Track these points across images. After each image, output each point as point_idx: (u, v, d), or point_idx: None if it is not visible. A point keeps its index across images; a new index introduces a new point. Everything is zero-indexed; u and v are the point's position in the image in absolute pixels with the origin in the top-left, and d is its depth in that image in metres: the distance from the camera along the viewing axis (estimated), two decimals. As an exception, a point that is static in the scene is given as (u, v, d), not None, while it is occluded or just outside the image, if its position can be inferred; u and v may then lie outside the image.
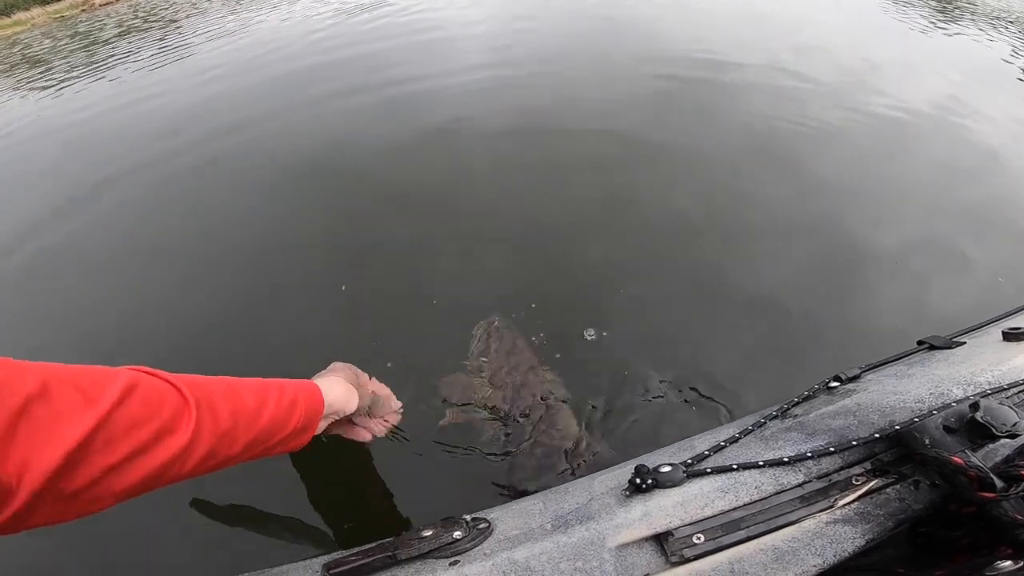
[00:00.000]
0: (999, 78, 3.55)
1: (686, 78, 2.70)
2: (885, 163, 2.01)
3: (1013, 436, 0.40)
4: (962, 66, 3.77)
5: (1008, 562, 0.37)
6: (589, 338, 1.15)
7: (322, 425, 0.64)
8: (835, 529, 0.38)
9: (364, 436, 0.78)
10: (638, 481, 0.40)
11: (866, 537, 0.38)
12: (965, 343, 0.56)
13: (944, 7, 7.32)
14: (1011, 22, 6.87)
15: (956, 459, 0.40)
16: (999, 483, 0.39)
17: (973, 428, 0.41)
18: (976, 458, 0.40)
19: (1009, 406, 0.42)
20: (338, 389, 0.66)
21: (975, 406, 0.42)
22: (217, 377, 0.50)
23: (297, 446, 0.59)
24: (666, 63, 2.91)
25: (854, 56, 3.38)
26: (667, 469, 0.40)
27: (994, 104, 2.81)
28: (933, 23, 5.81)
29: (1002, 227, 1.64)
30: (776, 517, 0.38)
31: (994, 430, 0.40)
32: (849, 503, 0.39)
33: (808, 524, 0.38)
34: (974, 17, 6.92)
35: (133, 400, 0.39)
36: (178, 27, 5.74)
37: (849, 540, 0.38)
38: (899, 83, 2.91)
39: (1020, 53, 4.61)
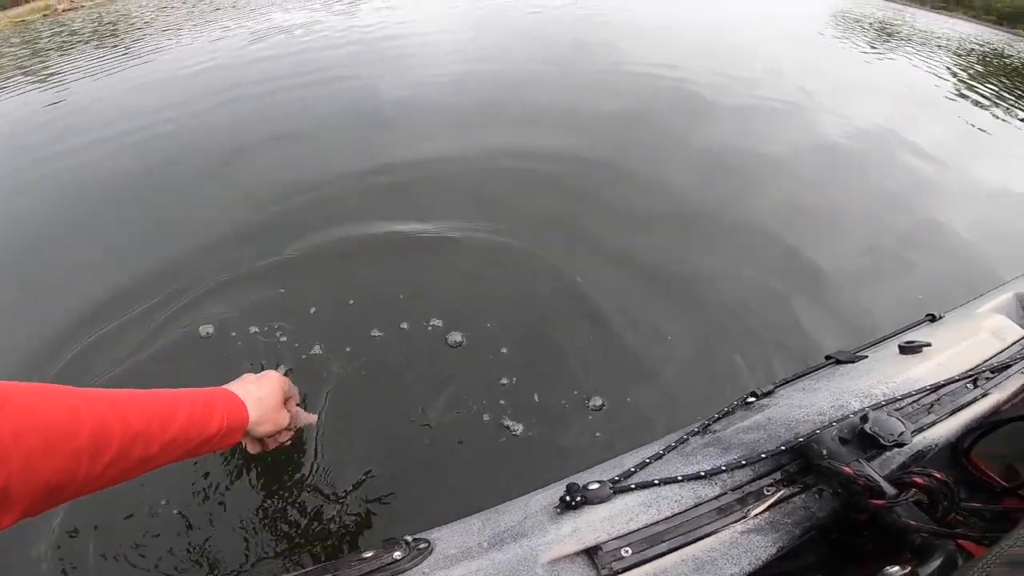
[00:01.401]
0: (931, 100, 3.84)
1: (655, 102, 2.79)
2: (830, 188, 2.12)
3: (900, 445, 0.42)
4: (901, 88, 4.05)
5: (896, 567, 0.38)
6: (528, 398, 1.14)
7: (255, 432, 0.65)
8: (749, 538, 0.40)
9: (260, 448, 0.76)
10: (568, 499, 0.41)
11: (777, 545, 0.40)
12: (867, 357, 0.58)
13: (884, 31, 7.84)
14: (940, 46, 7.42)
15: (847, 469, 0.42)
16: (890, 490, 0.40)
17: (864, 439, 0.43)
18: (870, 467, 0.42)
19: (897, 417, 0.44)
20: (268, 404, 0.66)
21: (864, 418, 0.44)
22: (126, 390, 0.53)
23: (225, 446, 0.61)
24: (632, 92, 3.01)
25: (808, 80, 3.58)
26: (595, 486, 0.42)
27: (927, 125, 3.03)
28: (875, 47, 6.22)
29: (927, 246, 1.76)
30: (695, 529, 0.40)
31: (882, 440, 0.42)
32: (760, 513, 0.41)
33: (724, 535, 0.40)
34: (909, 41, 7.45)
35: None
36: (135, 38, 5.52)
37: (762, 548, 0.40)
38: (847, 105, 3.08)
39: (946, 74, 4.98)
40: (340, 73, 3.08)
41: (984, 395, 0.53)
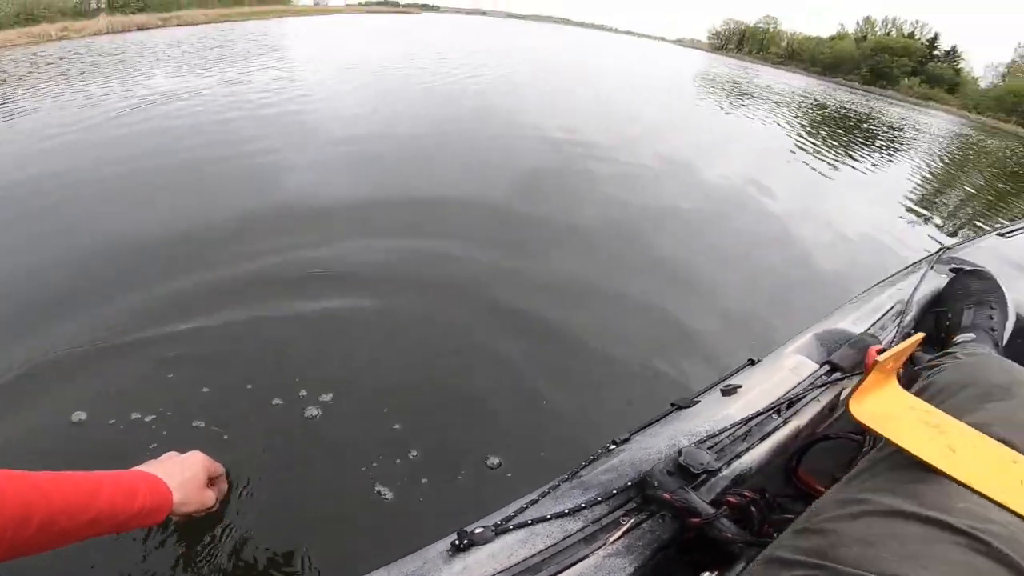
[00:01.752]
0: (780, 150, 4.67)
1: (548, 163, 3.07)
2: (702, 239, 2.29)
3: (709, 471, 0.52)
4: (754, 142, 4.88)
5: (707, 573, 0.46)
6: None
7: (179, 512, 0.68)
8: (610, 562, 0.47)
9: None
10: (457, 543, 0.46)
11: (634, 565, 0.47)
12: (700, 401, 0.67)
13: (735, 92, 9.33)
14: (777, 103, 8.94)
15: (666, 496, 0.50)
16: (707, 510, 0.49)
17: (682, 470, 0.52)
18: (692, 492, 0.51)
19: (704, 450, 0.55)
20: (190, 486, 0.71)
21: (679, 452, 0.53)
22: (46, 472, 0.57)
23: (152, 523, 0.65)
24: (525, 153, 3.25)
25: (677, 139, 4.23)
26: (480, 530, 0.48)
27: (778, 175, 3.67)
28: (730, 104, 7.41)
29: (790, 293, 1.95)
30: (566, 558, 0.47)
31: (692, 469, 0.52)
32: (617, 540, 0.48)
33: (590, 560, 0.47)
34: (755, 97, 8.91)
35: None
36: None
37: (622, 569, 0.46)
38: (712, 162, 3.65)
39: (788, 126, 6.06)
40: (223, 152, 2.77)
41: (785, 423, 0.65)
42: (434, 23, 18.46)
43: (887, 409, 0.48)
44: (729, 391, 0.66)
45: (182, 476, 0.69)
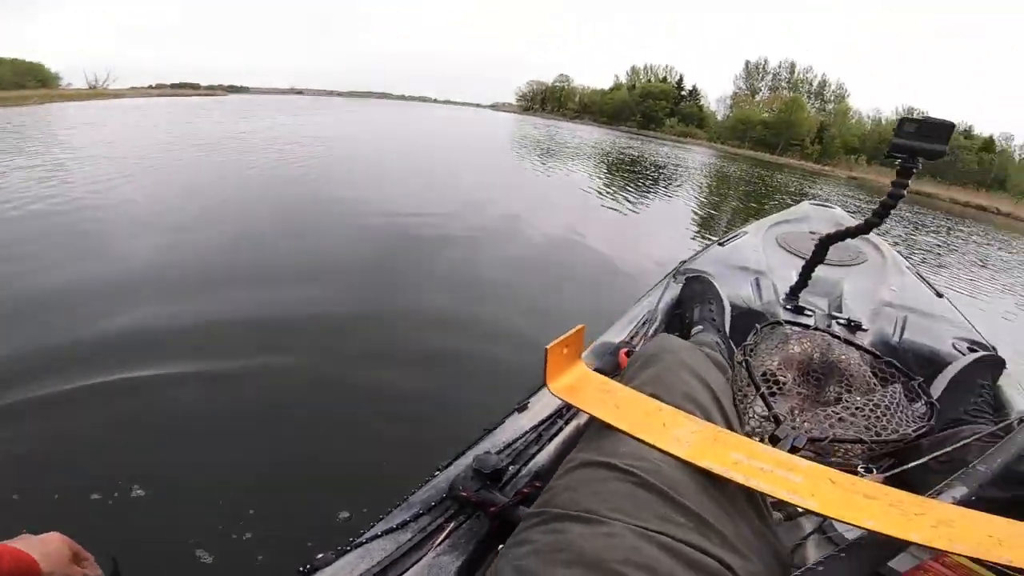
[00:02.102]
0: (581, 197, 5.67)
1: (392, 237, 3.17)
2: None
3: (498, 470, 0.60)
4: (561, 193, 5.87)
5: (501, 545, 0.48)
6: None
7: None
8: (440, 560, 0.53)
9: None
10: (302, 569, 0.51)
11: (460, 560, 0.53)
12: (504, 421, 0.76)
13: (546, 152, 10.90)
14: (580, 154, 10.68)
15: (465, 494, 0.57)
16: (502, 500, 0.57)
17: (478, 473, 0.60)
18: (493, 490, 0.59)
19: (495, 455, 0.63)
20: (55, 558, 0.66)
21: (476, 459, 0.61)
22: None
23: None
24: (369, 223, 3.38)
25: (503, 197, 4.83)
26: (321, 555, 0.52)
27: (587, 219, 4.53)
28: (543, 164, 8.68)
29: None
30: (401, 566, 0.52)
31: (484, 471, 0.60)
32: (443, 542, 0.54)
33: (423, 563, 0.52)
34: (562, 155, 10.54)
35: None
36: None
37: (451, 564, 0.53)
38: (533, 215, 4.21)
39: (591, 175, 7.38)
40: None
41: (567, 423, 0.75)
42: (244, 106, 17.24)
43: (575, 385, 0.58)
44: (522, 408, 0.77)
45: (44, 548, 0.66)
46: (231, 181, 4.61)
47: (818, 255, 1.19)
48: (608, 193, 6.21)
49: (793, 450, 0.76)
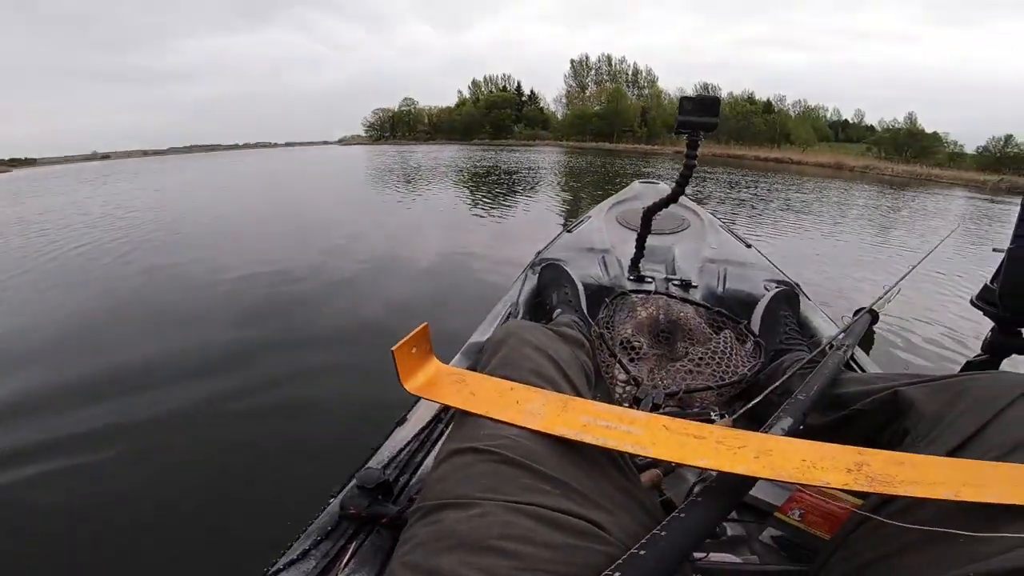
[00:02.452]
0: (453, 215, 5.74)
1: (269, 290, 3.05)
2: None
3: (382, 483, 0.62)
4: (431, 220, 5.88)
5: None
6: None
7: None
8: None
9: None
10: None
11: (372, 574, 0.54)
12: (387, 438, 0.77)
13: (405, 180, 10.76)
14: (431, 178, 10.62)
15: (353, 511, 0.59)
16: (392, 510, 0.59)
17: (362, 489, 0.62)
18: (383, 504, 0.60)
19: (378, 470, 0.64)
20: None
21: (358, 478, 0.62)
22: None
23: None
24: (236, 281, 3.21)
25: (372, 236, 4.69)
26: None
27: (462, 238, 4.60)
28: (406, 191, 8.56)
29: None
30: None
31: (367, 486, 0.61)
32: (348, 562, 0.56)
33: None
34: (421, 179, 10.41)
35: None
36: None
37: None
38: (410, 247, 4.23)
39: (449, 196, 7.45)
40: None
41: (446, 428, 0.75)
42: (29, 184, 14.67)
43: (431, 380, 0.59)
44: (402, 421, 0.79)
45: None
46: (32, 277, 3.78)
47: (645, 227, 1.32)
48: (471, 205, 6.38)
49: (655, 407, 0.82)
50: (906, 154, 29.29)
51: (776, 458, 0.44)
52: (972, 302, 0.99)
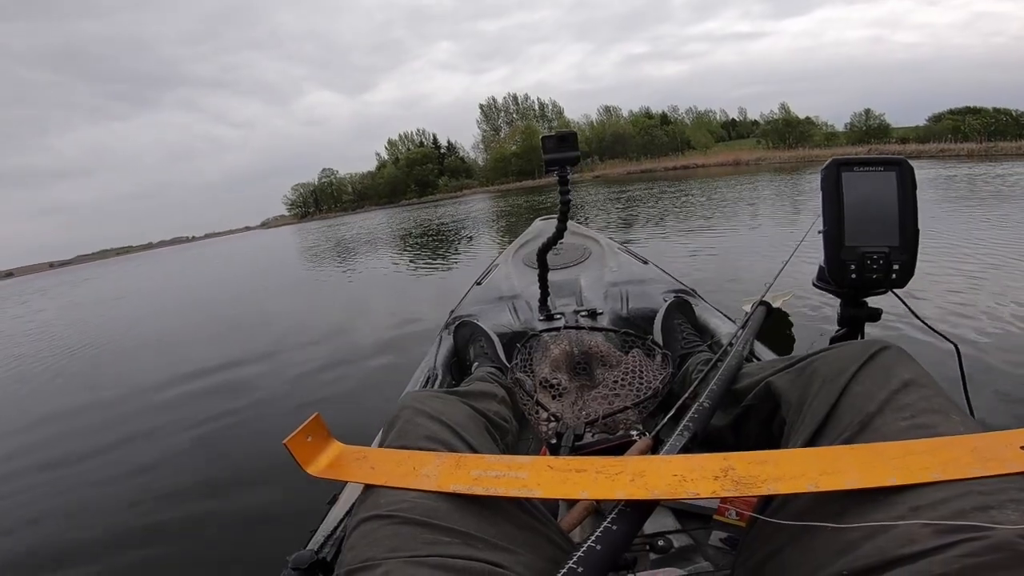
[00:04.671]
0: (394, 281, 5.74)
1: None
2: None
3: (315, 562, 0.65)
4: (379, 291, 5.82)
5: None
6: None
7: None
8: None
9: None
10: None
11: None
12: (322, 520, 0.78)
13: (339, 256, 10.58)
14: (369, 251, 10.64)
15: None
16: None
17: (298, 570, 0.64)
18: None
19: (310, 551, 0.68)
20: None
21: (291, 561, 0.65)
22: None
23: None
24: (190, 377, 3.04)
25: (314, 319, 4.55)
26: None
27: (410, 306, 4.60)
28: (341, 267, 8.41)
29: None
30: None
31: (303, 568, 0.63)
32: None
33: None
34: (355, 252, 10.28)
35: None
36: None
37: None
38: (358, 323, 4.15)
39: (388, 262, 7.41)
40: None
41: None
42: None
43: (334, 462, 0.59)
44: (333, 500, 0.81)
45: None
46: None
47: (543, 266, 1.37)
48: (409, 269, 6.40)
49: (577, 439, 0.86)
50: (788, 141, 32.57)
51: (650, 478, 0.47)
52: (814, 284, 1.02)
